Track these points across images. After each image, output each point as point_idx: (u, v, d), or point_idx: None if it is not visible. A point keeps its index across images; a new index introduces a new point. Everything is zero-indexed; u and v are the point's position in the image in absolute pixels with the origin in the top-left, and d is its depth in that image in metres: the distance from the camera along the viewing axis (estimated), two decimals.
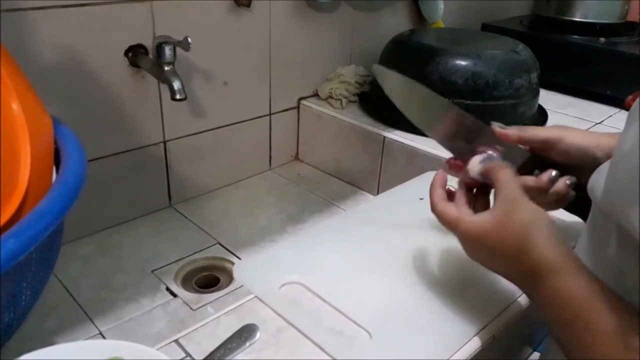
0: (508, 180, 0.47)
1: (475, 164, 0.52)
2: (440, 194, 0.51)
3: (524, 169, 0.55)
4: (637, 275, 0.38)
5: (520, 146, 0.57)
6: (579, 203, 0.53)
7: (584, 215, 0.52)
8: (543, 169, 0.54)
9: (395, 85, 0.59)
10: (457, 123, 0.57)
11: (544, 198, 0.53)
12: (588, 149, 0.54)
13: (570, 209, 0.60)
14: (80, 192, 0.41)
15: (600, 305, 0.38)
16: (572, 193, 0.54)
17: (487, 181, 0.50)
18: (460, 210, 0.48)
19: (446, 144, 0.57)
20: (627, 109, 1.05)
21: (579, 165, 0.54)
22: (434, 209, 0.50)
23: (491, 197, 0.51)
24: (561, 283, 0.40)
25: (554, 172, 0.53)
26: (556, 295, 0.40)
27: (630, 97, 1.06)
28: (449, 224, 0.48)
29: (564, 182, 0.53)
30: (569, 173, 0.53)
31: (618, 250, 0.41)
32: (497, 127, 0.56)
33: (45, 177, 0.43)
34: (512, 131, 0.56)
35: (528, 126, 0.58)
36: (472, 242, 0.47)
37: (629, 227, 0.36)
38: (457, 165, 0.54)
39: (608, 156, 0.46)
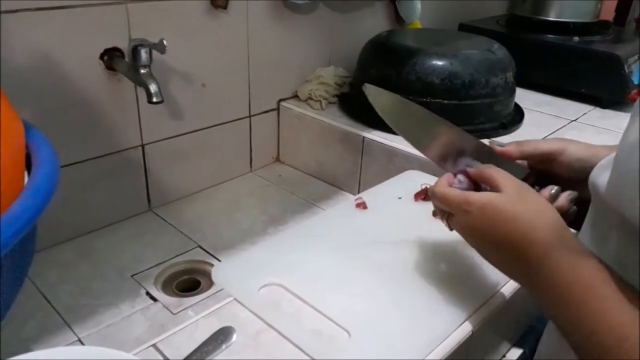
0: (504, 175, 0.47)
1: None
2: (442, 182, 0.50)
3: None
4: (638, 267, 0.39)
5: (518, 162, 0.56)
6: (580, 218, 0.52)
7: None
8: (542, 185, 0.53)
9: (387, 104, 0.57)
10: (452, 142, 0.55)
11: None
12: (588, 160, 0.53)
13: (570, 224, 0.59)
14: (53, 196, 0.41)
15: (606, 290, 0.38)
16: (574, 208, 0.53)
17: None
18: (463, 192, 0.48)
19: (441, 164, 0.56)
20: (629, 102, 1.07)
21: (578, 178, 0.52)
22: (435, 193, 0.49)
23: None
24: (571, 261, 0.40)
25: (555, 188, 0.52)
26: (563, 275, 0.40)
27: (635, 91, 1.07)
28: (455, 202, 0.47)
29: (565, 197, 0.52)
30: (569, 188, 0.53)
31: (619, 243, 0.41)
32: (496, 145, 0.55)
33: (16, 182, 0.42)
34: (512, 147, 0.55)
35: (528, 140, 0.56)
36: (481, 217, 0.45)
37: (634, 219, 0.36)
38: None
39: None
